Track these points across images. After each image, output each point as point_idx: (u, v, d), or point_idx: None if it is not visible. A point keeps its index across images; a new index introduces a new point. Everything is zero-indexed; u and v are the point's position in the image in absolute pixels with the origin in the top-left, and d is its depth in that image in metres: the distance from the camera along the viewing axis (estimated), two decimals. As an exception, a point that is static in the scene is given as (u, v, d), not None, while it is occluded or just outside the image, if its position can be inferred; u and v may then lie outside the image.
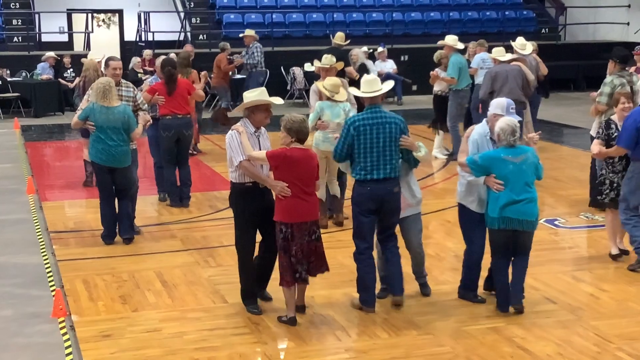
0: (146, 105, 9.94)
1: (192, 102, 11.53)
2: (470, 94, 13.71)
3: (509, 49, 13.12)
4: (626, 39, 23.14)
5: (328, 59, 10.39)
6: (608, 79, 10.04)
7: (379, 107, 7.19)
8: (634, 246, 8.39)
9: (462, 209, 7.44)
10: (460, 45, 13.72)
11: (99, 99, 9.00)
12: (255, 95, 7.11)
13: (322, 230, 9.82)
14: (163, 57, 11.49)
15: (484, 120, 7.42)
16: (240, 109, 7.16)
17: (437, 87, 13.96)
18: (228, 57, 17.26)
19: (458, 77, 13.35)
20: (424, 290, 7.73)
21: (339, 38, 15.03)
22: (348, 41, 15.21)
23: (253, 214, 7.08)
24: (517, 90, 11.98)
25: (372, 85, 7.24)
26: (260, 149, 7.02)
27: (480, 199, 7.25)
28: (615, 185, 8.61)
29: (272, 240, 7.04)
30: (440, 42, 13.99)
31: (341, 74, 11.46)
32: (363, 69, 13.50)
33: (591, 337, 6.77)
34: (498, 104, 7.37)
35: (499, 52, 12.54)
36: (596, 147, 8.58)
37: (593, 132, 10.09)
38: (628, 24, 23.89)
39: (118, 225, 9.31)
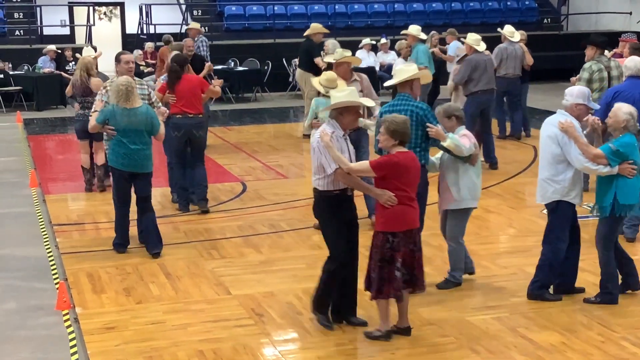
0: (160, 103, 9.57)
1: (207, 98, 10.70)
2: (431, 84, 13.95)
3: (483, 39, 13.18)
4: (628, 28, 23.07)
5: (339, 53, 9.63)
6: (587, 64, 10.43)
7: (406, 95, 7.37)
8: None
9: (559, 206, 7.15)
10: (423, 36, 14.32)
11: (120, 101, 8.36)
12: (344, 95, 6.53)
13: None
14: (174, 53, 10.91)
15: (561, 112, 7.21)
16: (328, 109, 6.66)
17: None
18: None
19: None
20: (439, 284, 7.67)
21: (312, 29, 15.21)
22: (326, 31, 15.32)
23: (341, 222, 6.59)
24: (493, 80, 12.51)
25: (398, 75, 7.40)
26: (348, 153, 6.53)
27: (579, 191, 7.18)
28: None
29: (354, 251, 6.70)
30: (403, 32, 14.64)
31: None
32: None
33: (595, 327, 6.77)
34: (580, 93, 7.18)
35: (475, 41, 12.49)
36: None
37: None
38: (630, 13, 23.83)
39: (145, 238, 8.74)
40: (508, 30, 14.28)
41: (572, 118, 7.10)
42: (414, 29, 14.42)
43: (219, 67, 19.83)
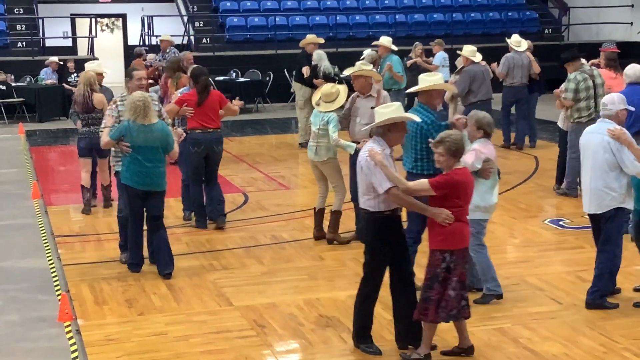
0: (169, 120, 9.18)
1: (224, 116, 10.27)
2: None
3: (479, 50, 13.25)
4: (629, 38, 23.13)
5: (357, 66, 9.11)
6: (571, 75, 10.81)
7: (422, 106, 7.31)
8: None
9: (617, 214, 7.19)
10: (394, 47, 14.65)
11: (138, 117, 8.07)
12: (391, 110, 6.28)
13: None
14: (194, 66, 10.50)
15: (603, 120, 7.23)
16: (374, 126, 6.35)
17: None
18: (145, 63, 16.96)
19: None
20: (476, 300, 7.56)
21: (305, 40, 15.42)
22: (319, 41, 15.50)
23: (391, 245, 6.38)
24: (490, 90, 12.65)
25: (420, 83, 7.34)
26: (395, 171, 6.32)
27: (632, 196, 7.22)
28: None
29: (405, 272, 6.52)
30: (374, 43, 14.89)
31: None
32: (314, 70, 14.64)
33: (597, 337, 6.76)
34: (620, 99, 7.28)
35: (471, 53, 12.60)
36: None
37: (560, 123, 11.42)
38: (631, 23, 23.86)
39: (156, 258, 8.47)
40: (515, 39, 14.49)
41: (616, 125, 7.18)
42: (386, 40, 14.64)
43: (221, 78, 19.88)
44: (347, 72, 9.27)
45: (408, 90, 8.07)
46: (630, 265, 8.22)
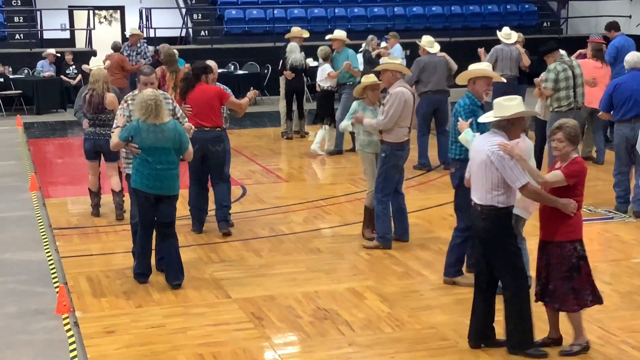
0: (187, 119, 8.55)
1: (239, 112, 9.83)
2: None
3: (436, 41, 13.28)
4: (628, 31, 23.02)
5: (385, 61, 9.25)
6: (551, 66, 11.06)
7: (467, 92, 7.57)
8: None
9: None
10: (348, 40, 14.56)
11: (149, 117, 7.55)
12: (517, 104, 6.22)
13: (332, 230, 9.85)
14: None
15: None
16: (502, 119, 6.23)
17: (327, 83, 14.15)
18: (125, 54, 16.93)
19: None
20: None
21: (292, 32, 15.54)
22: (305, 35, 15.59)
23: (515, 239, 6.44)
24: (443, 81, 12.60)
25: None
26: None
27: None
28: None
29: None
30: (329, 37, 14.80)
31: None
32: (283, 62, 15.06)
33: (595, 330, 6.77)
34: None
35: (428, 43, 12.67)
36: None
37: (538, 108, 11.43)
38: (630, 17, 23.81)
39: (166, 266, 7.95)
40: (505, 32, 14.61)
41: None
42: (341, 34, 14.58)
43: (219, 70, 19.80)
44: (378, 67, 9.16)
45: (458, 80, 7.96)
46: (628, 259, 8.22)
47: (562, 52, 11.48)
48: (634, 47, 15.47)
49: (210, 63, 9.60)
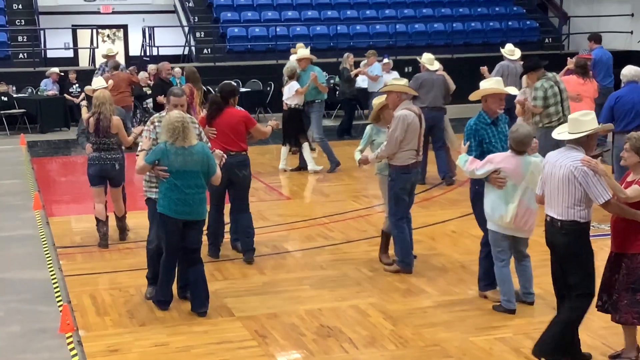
0: (209, 143, 8.21)
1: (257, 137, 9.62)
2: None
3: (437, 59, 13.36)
4: (629, 47, 23.15)
5: (390, 81, 9.08)
6: (538, 83, 11.04)
7: (481, 110, 7.71)
8: None
9: None
10: (315, 58, 14.73)
11: (177, 140, 7.33)
12: (591, 120, 6.32)
13: (335, 247, 9.85)
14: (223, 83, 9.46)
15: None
16: (582, 135, 6.28)
17: (294, 101, 14.08)
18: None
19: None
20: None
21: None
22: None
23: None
24: (439, 99, 12.74)
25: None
26: None
27: None
28: None
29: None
30: (296, 57, 14.79)
31: None
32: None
33: (599, 347, 6.75)
34: None
35: (428, 61, 12.82)
36: None
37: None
38: (631, 32, 23.89)
39: (192, 293, 7.71)
40: (508, 48, 14.75)
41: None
42: (307, 52, 14.69)
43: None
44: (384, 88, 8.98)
45: (470, 97, 7.92)
46: None
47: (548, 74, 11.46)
48: (611, 61, 16.05)
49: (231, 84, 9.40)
